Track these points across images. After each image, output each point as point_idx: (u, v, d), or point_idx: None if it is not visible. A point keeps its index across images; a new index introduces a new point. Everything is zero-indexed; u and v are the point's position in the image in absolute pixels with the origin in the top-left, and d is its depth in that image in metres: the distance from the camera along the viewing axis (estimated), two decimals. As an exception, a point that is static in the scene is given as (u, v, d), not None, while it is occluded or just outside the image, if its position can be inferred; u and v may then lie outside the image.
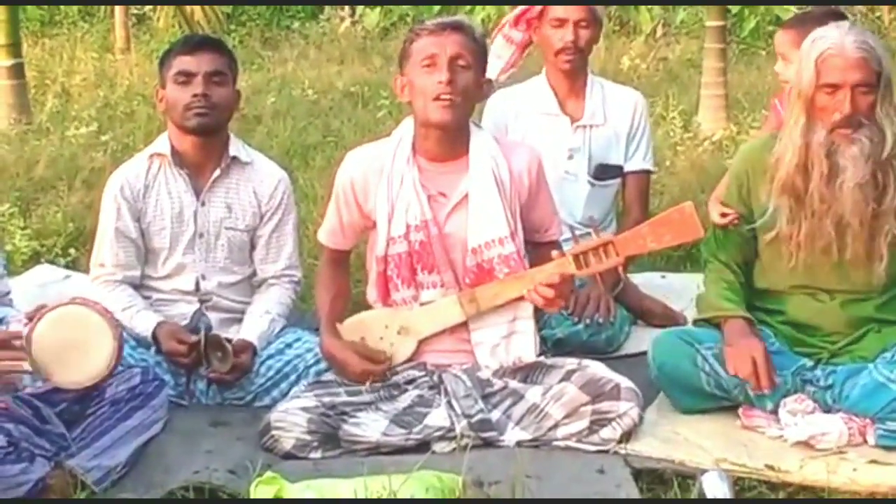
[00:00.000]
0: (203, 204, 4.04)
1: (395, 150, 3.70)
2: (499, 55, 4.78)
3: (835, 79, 3.46)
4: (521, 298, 3.64)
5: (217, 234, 4.04)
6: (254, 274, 4.14)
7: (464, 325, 3.69)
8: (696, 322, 3.85)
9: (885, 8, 12.00)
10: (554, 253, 3.62)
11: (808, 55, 3.51)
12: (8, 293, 3.65)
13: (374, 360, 3.66)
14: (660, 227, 3.58)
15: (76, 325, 3.30)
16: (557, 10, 4.52)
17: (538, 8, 4.56)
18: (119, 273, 4.01)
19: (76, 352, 3.28)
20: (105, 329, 3.32)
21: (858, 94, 3.46)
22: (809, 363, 3.69)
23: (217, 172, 4.04)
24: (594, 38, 4.56)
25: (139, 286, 4.05)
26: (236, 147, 4.10)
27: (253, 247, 4.12)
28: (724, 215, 3.78)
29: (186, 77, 3.94)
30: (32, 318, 3.29)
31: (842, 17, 4.42)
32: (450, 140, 3.67)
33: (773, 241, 3.67)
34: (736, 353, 3.55)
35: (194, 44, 4.04)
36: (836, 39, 3.49)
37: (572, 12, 4.50)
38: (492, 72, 4.70)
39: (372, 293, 3.79)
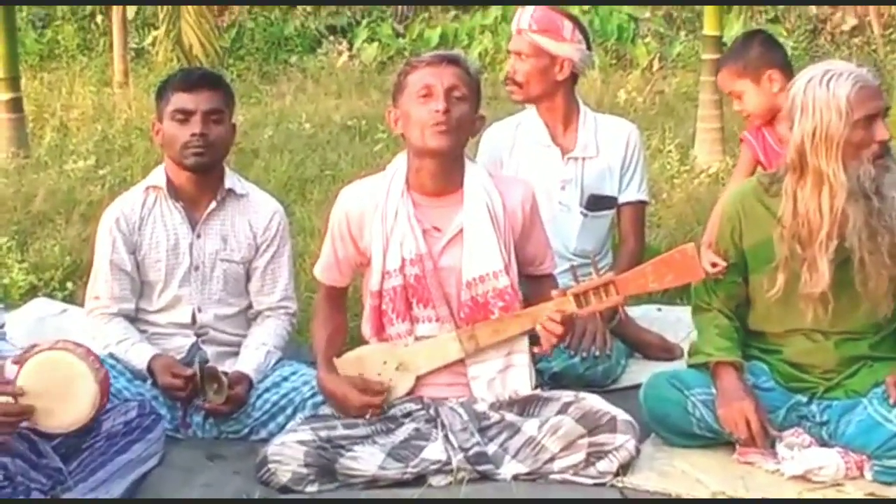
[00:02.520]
0: (199, 236, 4.04)
1: (389, 184, 3.71)
2: None
3: (870, 110, 3.47)
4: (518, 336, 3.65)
5: (213, 266, 4.05)
6: (250, 306, 4.14)
7: (460, 359, 3.70)
8: (689, 365, 3.85)
9: (880, 41, 12.05)
10: (554, 292, 3.62)
11: (834, 97, 3.45)
12: (2, 326, 3.65)
13: (372, 392, 3.65)
14: (661, 267, 3.59)
15: (58, 370, 3.27)
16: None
17: None
18: (114, 306, 4.01)
19: (59, 397, 3.25)
20: (87, 374, 3.29)
21: (884, 121, 3.49)
22: (804, 399, 3.70)
23: (213, 205, 4.05)
24: (538, 71, 4.51)
25: (135, 319, 4.05)
26: (232, 180, 4.11)
27: (248, 279, 4.12)
28: (713, 265, 3.76)
29: (184, 115, 3.94)
30: (18, 361, 3.29)
31: (770, 36, 4.54)
32: (444, 173, 3.68)
33: (782, 291, 3.62)
34: (730, 415, 3.57)
35: (193, 81, 4.02)
36: (855, 73, 3.49)
37: (512, 43, 4.60)
38: None
39: (366, 328, 3.79)
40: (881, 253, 3.50)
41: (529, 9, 4.58)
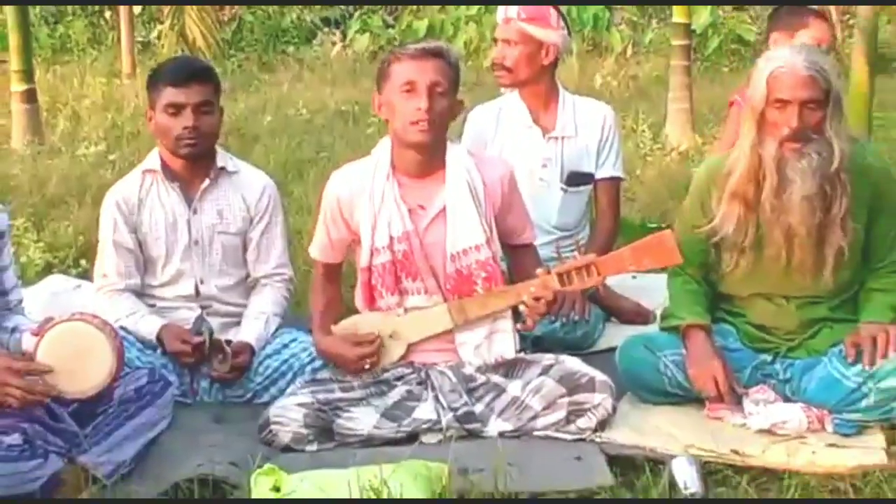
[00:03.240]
0: (195, 212, 4.03)
1: (375, 167, 3.68)
2: None
3: (784, 95, 3.44)
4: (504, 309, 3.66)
5: (211, 240, 4.04)
6: (249, 275, 4.13)
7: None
8: (661, 328, 3.86)
9: (838, 26, 12.04)
10: (539, 270, 3.60)
11: (761, 73, 3.50)
12: (20, 301, 3.65)
13: (365, 343, 3.64)
14: (640, 251, 3.58)
15: (77, 339, 3.28)
16: (495, 31, 4.59)
17: None
18: (121, 282, 4.01)
19: (79, 364, 3.26)
20: (104, 342, 3.30)
21: (807, 111, 3.44)
22: (768, 358, 3.71)
23: (206, 182, 4.03)
24: (526, 57, 4.48)
25: (142, 294, 4.05)
26: (223, 158, 4.09)
27: (245, 249, 4.11)
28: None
29: (176, 109, 3.90)
30: (38, 333, 3.29)
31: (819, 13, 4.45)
32: (427, 157, 3.65)
33: (721, 247, 3.67)
34: (699, 375, 3.59)
35: (183, 76, 3.94)
36: (787, 58, 3.47)
37: (498, 32, 4.56)
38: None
39: (359, 301, 3.78)
40: (777, 232, 3.55)
41: None
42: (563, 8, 4.64)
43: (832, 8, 12.33)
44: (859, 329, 3.57)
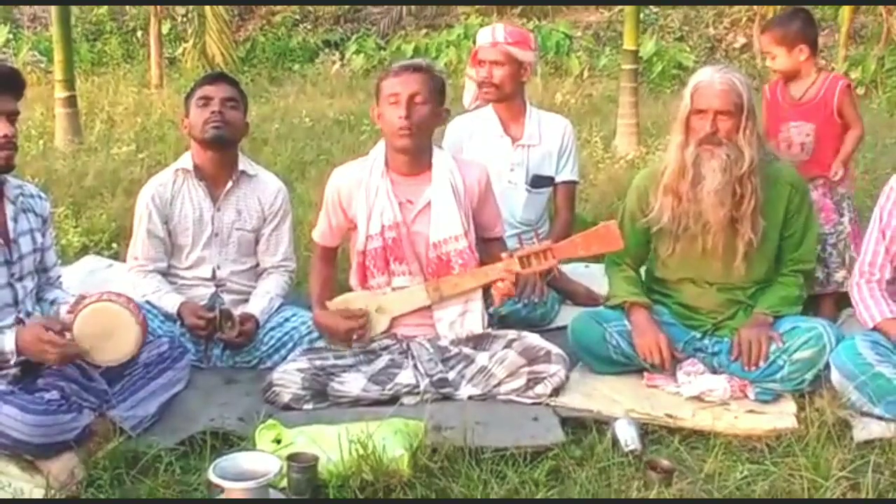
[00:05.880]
0: (219, 209, 4.02)
1: (372, 166, 3.69)
2: (468, 89, 4.81)
3: (702, 105, 3.51)
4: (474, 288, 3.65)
5: (229, 234, 4.03)
6: (258, 264, 4.12)
7: (427, 306, 3.69)
8: (606, 306, 3.87)
9: (762, 56, 12.07)
10: (504, 255, 3.62)
11: (687, 88, 3.57)
12: (59, 277, 3.62)
13: (354, 318, 3.66)
14: (589, 238, 3.60)
15: (106, 317, 3.23)
16: (478, 53, 4.55)
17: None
18: (150, 264, 4.00)
19: (109, 338, 3.21)
20: (129, 318, 3.25)
21: (721, 118, 3.50)
22: (698, 335, 3.73)
23: (229, 184, 4.02)
24: (510, 75, 4.46)
25: (167, 274, 4.03)
26: (244, 163, 4.09)
27: (257, 242, 4.10)
28: None
29: (206, 101, 3.94)
30: (72, 311, 3.26)
31: (810, 16, 4.38)
32: (414, 159, 3.66)
33: (659, 236, 3.69)
34: (645, 344, 3.60)
35: (214, 77, 4.09)
36: (707, 75, 3.55)
37: (485, 54, 4.51)
38: (466, 101, 4.72)
39: (353, 280, 3.78)
40: (692, 220, 3.59)
41: (500, 25, 4.58)
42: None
43: (757, 40, 12.35)
44: (741, 334, 3.58)
